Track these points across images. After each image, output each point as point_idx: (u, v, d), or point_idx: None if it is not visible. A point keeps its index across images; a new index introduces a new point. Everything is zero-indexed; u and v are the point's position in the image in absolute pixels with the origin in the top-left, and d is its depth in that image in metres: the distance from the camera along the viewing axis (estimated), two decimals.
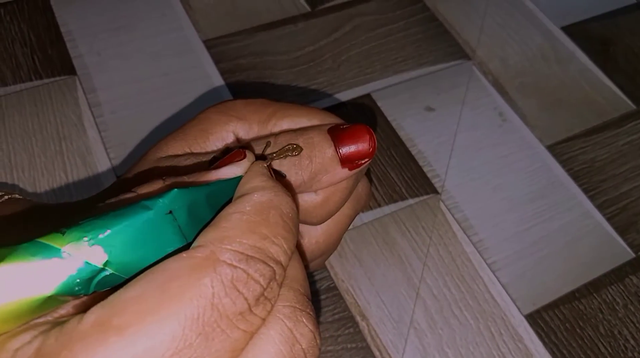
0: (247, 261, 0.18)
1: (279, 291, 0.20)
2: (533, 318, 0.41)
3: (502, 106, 0.52)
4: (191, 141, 0.30)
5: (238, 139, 0.30)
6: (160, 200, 0.17)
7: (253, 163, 0.23)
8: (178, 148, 0.30)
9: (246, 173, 0.22)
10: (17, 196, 0.35)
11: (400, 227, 0.44)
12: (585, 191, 0.47)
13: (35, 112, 0.46)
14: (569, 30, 0.58)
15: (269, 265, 0.19)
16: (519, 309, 0.41)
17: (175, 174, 0.22)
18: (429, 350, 0.39)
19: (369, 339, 0.39)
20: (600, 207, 0.46)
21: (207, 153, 0.30)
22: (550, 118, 0.52)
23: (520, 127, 0.50)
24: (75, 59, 0.50)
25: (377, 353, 0.39)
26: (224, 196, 0.21)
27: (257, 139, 0.30)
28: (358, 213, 0.34)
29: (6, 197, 0.34)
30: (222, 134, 0.30)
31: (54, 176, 0.43)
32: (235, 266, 0.18)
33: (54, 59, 0.50)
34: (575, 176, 0.48)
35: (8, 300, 0.15)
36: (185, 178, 0.21)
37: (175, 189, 0.18)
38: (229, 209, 0.19)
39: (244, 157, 0.23)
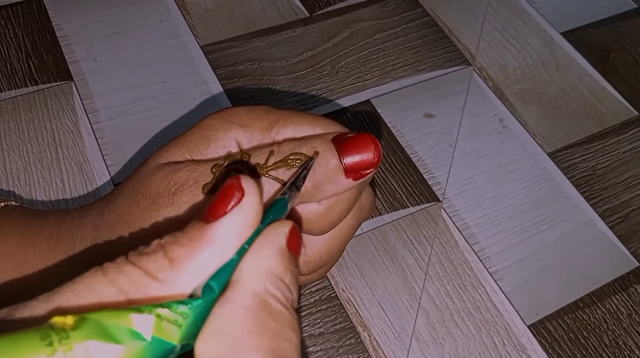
0: None
1: None
2: (536, 328, 0.40)
3: (502, 112, 0.51)
4: (192, 148, 0.30)
5: (240, 147, 0.30)
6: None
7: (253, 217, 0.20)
8: (178, 154, 0.30)
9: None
10: (13, 203, 0.34)
11: (401, 236, 0.43)
12: (587, 199, 0.47)
13: (31, 118, 0.46)
14: (568, 36, 0.58)
15: None
16: (522, 319, 0.41)
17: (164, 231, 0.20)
18: None
19: (370, 350, 0.38)
20: (602, 215, 0.46)
21: (207, 161, 0.29)
22: (551, 125, 0.51)
23: (521, 134, 0.50)
24: (71, 64, 0.49)
25: None
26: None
27: (260, 147, 0.29)
28: (361, 224, 0.34)
29: (2, 204, 0.33)
30: (223, 141, 0.30)
31: (50, 183, 0.42)
32: None
33: (49, 65, 0.49)
34: (577, 184, 0.48)
35: None
36: (183, 241, 0.19)
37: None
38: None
39: (242, 195, 0.20)
